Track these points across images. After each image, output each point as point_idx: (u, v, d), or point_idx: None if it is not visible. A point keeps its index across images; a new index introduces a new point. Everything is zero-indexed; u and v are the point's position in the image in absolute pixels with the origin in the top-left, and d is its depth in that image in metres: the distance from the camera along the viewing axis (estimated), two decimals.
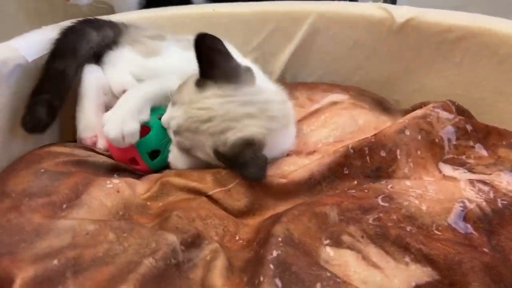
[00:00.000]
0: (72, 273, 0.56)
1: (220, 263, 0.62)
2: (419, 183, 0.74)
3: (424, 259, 0.61)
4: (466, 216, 0.66)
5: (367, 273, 0.61)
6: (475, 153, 0.82)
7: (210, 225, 0.70)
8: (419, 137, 0.82)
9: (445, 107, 0.88)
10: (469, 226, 0.66)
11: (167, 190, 0.79)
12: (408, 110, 0.96)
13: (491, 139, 0.84)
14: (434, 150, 0.82)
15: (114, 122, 0.81)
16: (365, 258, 0.62)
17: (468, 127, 0.85)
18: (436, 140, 0.83)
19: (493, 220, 0.66)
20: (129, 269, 0.57)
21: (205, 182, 0.78)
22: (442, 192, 0.71)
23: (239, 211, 0.75)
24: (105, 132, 0.81)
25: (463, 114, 0.91)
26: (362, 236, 0.64)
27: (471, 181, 0.74)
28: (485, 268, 0.59)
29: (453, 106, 0.90)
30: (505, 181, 0.73)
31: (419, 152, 0.81)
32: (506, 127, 0.85)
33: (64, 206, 0.69)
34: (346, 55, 1.16)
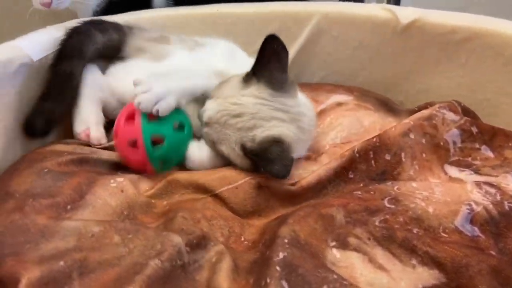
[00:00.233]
0: (78, 275, 0.56)
1: (226, 265, 0.61)
2: (426, 185, 0.74)
3: (431, 262, 0.60)
4: (473, 219, 0.66)
5: (374, 276, 0.60)
6: (481, 155, 0.82)
7: (216, 226, 0.70)
8: (424, 141, 0.82)
9: (451, 108, 0.87)
10: (476, 229, 0.65)
11: (173, 188, 0.79)
12: (414, 110, 0.96)
13: (497, 141, 0.84)
14: (439, 153, 0.82)
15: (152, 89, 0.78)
16: (372, 261, 0.62)
17: (474, 129, 0.84)
18: (441, 143, 0.82)
19: (500, 223, 0.66)
20: (135, 271, 0.57)
21: (212, 180, 0.78)
22: (449, 195, 0.71)
23: (245, 211, 0.75)
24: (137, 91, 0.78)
25: (469, 115, 0.91)
26: (369, 238, 0.64)
27: (478, 183, 0.73)
28: (492, 271, 0.59)
29: (459, 107, 0.90)
30: None
31: (424, 155, 0.81)
32: (511, 129, 0.85)
33: (69, 207, 0.69)
34: (350, 56, 1.16)
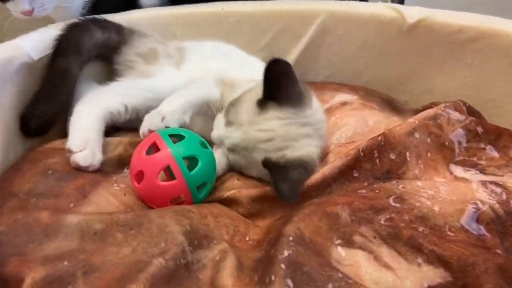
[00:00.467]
0: (82, 273, 0.56)
1: (230, 263, 0.61)
2: (431, 184, 0.74)
3: (437, 260, 0.60)
4: (479, 218, 0.66)
5: (379, 274, 0.60)
6: (486, 155, 0.82)
7: (222, 223, 0.70)
8: (429, 140, 0.81)
9: (457, 107, 0.87)
10: (482, 228, 0.65)
11: None
12: (418, 110, 0.95)
13: (503, 141, 0.83)
14: (445, 152, 0.82)
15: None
16: (377, 259, 0.61)
17: (479, 129, 0.84)
18: (446, 143, 0.82)
19: (506, 222, 0.65)
20: (139, 269, 0.56)
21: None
22: (454, 193, 0.71)
23: (249, 214, 0.76)
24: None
25: (474, 115, 0.91)
26: (374, 237, 0.64)
27: (484, 183, 0.73)
28: (499, 270, 0.58)
29: (464, 107, 0.90)
30: None
31: (429, 154, 0.80)
32: None
33: (72, 205, 0.69)
34: (355, 55, 1.15)
